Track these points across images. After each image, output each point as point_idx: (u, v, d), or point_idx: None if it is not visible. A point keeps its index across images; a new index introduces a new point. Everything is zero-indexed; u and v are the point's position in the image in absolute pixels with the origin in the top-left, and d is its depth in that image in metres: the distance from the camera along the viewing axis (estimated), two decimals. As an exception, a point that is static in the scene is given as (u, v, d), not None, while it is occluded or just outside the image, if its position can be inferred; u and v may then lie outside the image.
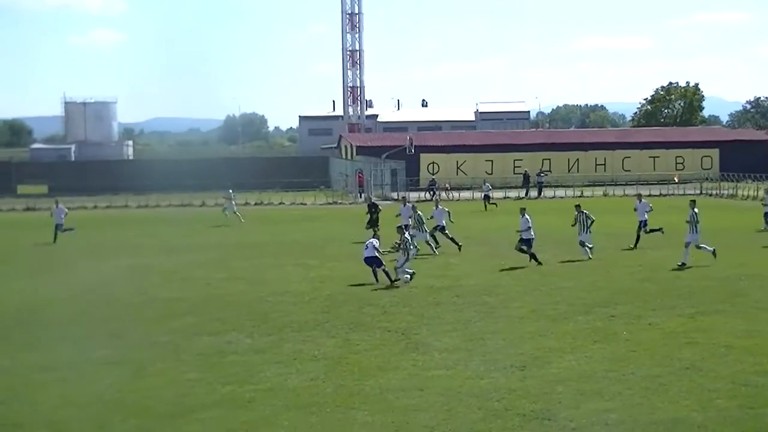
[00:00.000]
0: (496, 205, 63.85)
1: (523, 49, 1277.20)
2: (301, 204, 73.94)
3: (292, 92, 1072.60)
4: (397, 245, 31.99)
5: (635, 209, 38.71)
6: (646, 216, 38.17)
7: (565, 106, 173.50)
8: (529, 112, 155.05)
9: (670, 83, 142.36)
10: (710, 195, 72.25)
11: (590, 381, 17.17)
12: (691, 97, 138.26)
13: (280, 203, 75.15)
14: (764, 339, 20.24)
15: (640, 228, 38.06)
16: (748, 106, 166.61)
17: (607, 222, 44.27)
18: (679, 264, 31.59)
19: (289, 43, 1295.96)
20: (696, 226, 32.43)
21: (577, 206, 36.12)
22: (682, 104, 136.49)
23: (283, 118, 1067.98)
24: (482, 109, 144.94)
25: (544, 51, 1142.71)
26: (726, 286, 27.72)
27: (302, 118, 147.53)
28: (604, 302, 25.35)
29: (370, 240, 29.91)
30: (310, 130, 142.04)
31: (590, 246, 34.63)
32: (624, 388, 16.61)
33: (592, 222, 34.80)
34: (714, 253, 32.38)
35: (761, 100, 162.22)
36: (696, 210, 32.77)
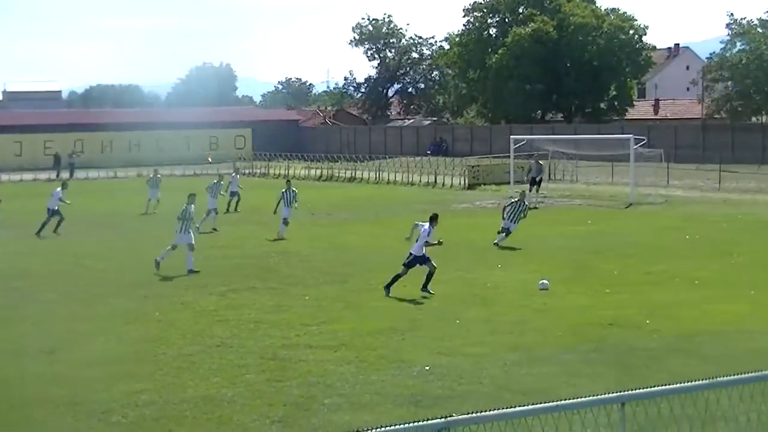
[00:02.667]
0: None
1: (55, 27, 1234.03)
2: None
3: None
4: None
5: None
6: None
7: (99, 85, 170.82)
8: (60, 91, 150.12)
9: (204, 63, 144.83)
10: (244, 174, 74.09)
11: (121, 363, 16.92)
12: (225, 77, 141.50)
13: None
14: (292, 314, 21.02)
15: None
16: (280, 87, 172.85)
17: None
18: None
19: None
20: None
21: (288, 181, 37.36)
22: (215, 84, 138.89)
23: None
24: (10, 88, 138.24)
25: (74, 29, 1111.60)
26: (258, 263, 28.52)
27: None
28: (137, 283, 25.11)
29: None
30: None
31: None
32: (155, 369, 16.53)
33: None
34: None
35: (292, 81, 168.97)
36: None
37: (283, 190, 34.98)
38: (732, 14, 75.91)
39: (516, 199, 32.16)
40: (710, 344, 17.61)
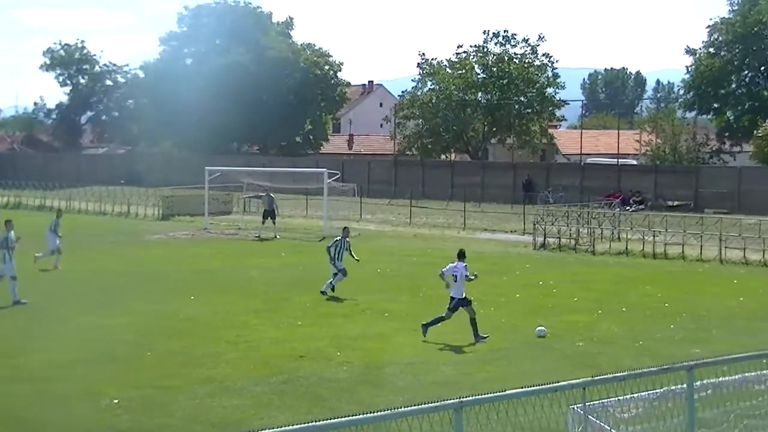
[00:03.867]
0: None
1: None
2: None
3: None
4: None
5: None
6: None
7: None
8: None
9: None
10: None
11: None
12: None
13: None
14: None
15: None
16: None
17: None
18: None
19: None
20: None
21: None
22: None
23: None
24: None
25: None
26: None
27: None
28: None
29: None
30: None
31: None
32: None
33: None
34: None
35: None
36: None
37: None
38: (423, 54, 79.05)
39: (338, 237, 30.14)
40: (398, 376, 17.99)
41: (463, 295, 21.61)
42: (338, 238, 28.47)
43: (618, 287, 29.53)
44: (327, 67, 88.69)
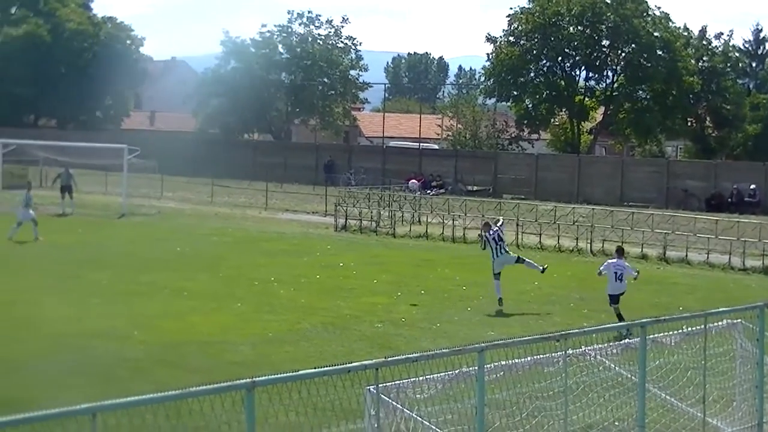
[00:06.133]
0: None
1: None
2: None
3: None
4: None
5: None
6: None
7: None
8: None
9: None
10: None
11: None
12: None
13: None
14: None
15: None
16: None
17: None
18: None
19: None
20: None
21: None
22: None
23: None
24: None
25: None
26: None
27: None
28: None
29: None
30: None
31: None
32: None
33: None
34: None
35: None
36: None
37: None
38: (228, 32, 78.05)
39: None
40: (196, 355, 17.78)
41: (620, 291, 21.45)
42: None
43: (417, 270, 30.04)
44: (128, 42, 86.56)
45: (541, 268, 24.48)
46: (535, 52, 69.36)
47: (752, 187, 52.55)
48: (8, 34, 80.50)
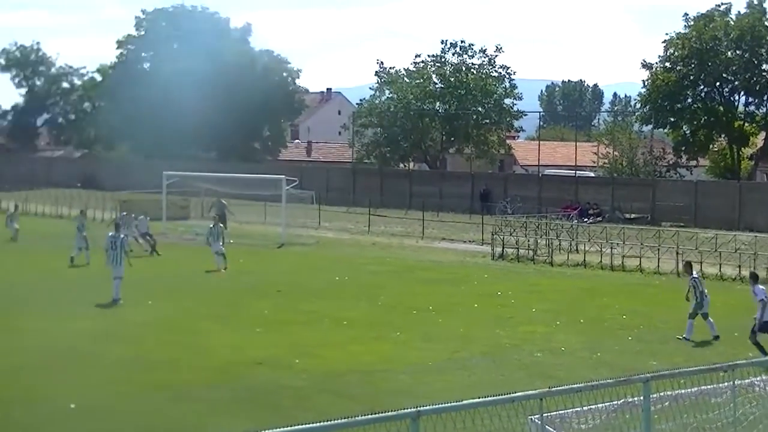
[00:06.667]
0: None
1: None
2: None
3: None
4: None
5: None
6: None
7: None
8: None
9: None
10: None
11: None
12: None
13: None
14: None
15: None
16: None
17: None
18: None
19: None
20: None
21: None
22: None
23: None
24: None
25: None
26: None
27: None
28: None
29: None
30: None
31: None
32: None
33: None
34: None
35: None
36: None
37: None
38: (382, 63, 79.14)
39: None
40: (357, 384, 17.98)
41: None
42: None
43: (576, 299, 29.70)
44: (285, 74, 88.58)
45: (715, 335, 23.57)
46: (692, 77, 67.88)
47: None
48: (172, 68, 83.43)
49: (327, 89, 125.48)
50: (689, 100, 69.10)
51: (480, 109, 76.60)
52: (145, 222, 40.05)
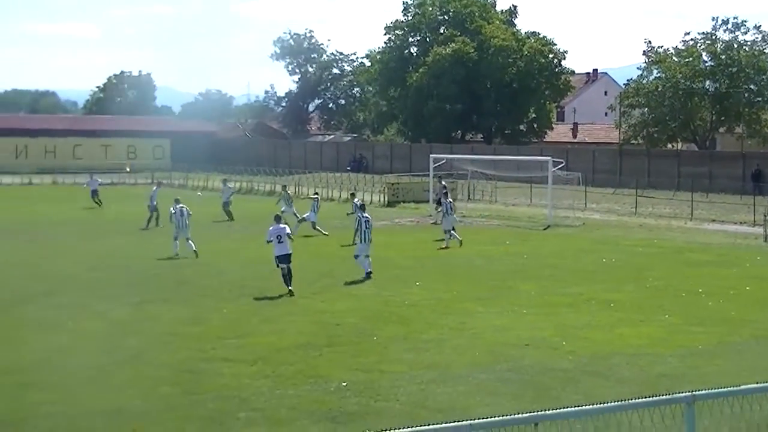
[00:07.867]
0: None
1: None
2: None
3: None
4: None
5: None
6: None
7: (15, 90, 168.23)
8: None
9: (123, 72, 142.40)
10: (161, 184, 73.15)
11: (29, 372, 16.55)
12: (144, 86, 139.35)
13: None
14: (207, 326, 20.78)
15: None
16: (200, 98, 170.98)
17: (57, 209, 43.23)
18: None
19: None
20: None
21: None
22: (134, 93, 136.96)
23: None
24: None
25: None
26: (172, 274, 28.17)
27: None
28: (49, 291, 24.62)
29: None
30: None
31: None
32: (66, 379, 16.17)
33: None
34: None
35: (212, 93, 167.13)
36: None
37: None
38: (649, 42, 77.26)
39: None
40: (624, 366, 17.78)
41: None
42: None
43: None
44: (551, 56, 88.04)
45: None
46: None
47: None
48: (438, 53, 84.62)
49: (593, 70, 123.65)
50: None
51: (753, 87, 73.47)
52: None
